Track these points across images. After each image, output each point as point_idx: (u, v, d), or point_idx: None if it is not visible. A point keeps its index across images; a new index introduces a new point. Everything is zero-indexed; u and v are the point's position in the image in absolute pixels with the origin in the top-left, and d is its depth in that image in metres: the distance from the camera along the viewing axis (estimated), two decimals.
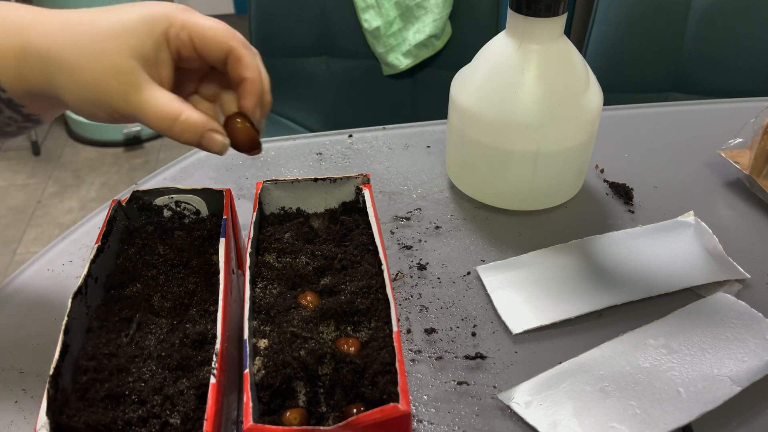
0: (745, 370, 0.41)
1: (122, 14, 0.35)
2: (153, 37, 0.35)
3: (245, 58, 0.36)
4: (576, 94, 0.51)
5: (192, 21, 0.36)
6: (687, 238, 0.53)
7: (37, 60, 0.35)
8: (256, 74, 0.37)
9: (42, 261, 0.52)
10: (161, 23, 0.35)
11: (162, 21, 0.35)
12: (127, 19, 0.35)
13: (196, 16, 0.37)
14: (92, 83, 0.34)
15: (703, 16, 0.96)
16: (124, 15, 0.35)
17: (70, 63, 0.34)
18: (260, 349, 0.35)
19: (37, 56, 0.35)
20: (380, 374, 0.33)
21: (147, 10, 0.36)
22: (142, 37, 0.35)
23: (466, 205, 0.58)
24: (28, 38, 0.35)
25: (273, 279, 0.40)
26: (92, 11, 0.36)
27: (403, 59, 1.09)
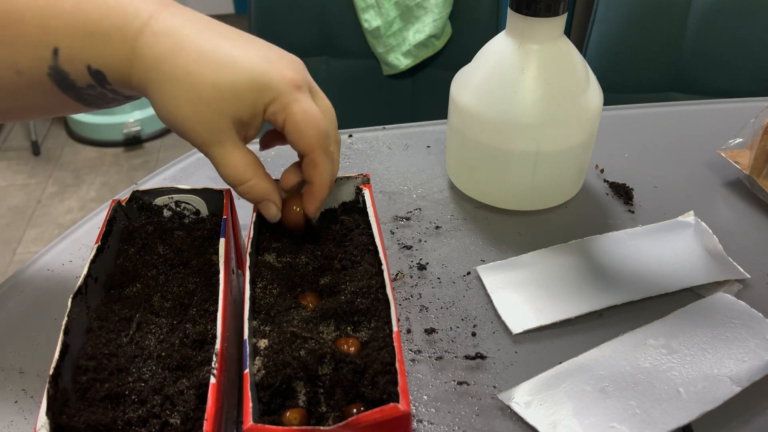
0: (745, 370, 0.41)
1: (235, 69, 0.35)
2: (254, 107, 0.36)
3: (320, 166, 0.38)
4: (576, 94, 0.51)
5: (293, 109, 0.36)
6: (687, 238, 0.53)
7: (142, 67, 0.35)
8: (323, 183, 0.38)
9: (42, 261, 0.52)
10: (266, 97, 0.35)
11: (268, 95, 0.35)
12: (236, 80, 0.35)
13: (302, 101, 0.36)
14: (182, 118, 0.35)
15: (703, 16, 0.96)
16: (236, 71, 0.35)
17: (168, 91, 0.35)
18: (260, 349, 0.35)
19: (143, 64, 0.35)
20: (380, 374, 0.33)
21: (260, 74, 0.35)
22: (244, 104, 0.35)
23: (466, 205, 0.58)
24: (142, 39, 0.34)
25: (273, 279, 0.40)
26: (213, 36, 0.35)
27: (403, 59, 1.09)
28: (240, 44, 0.36)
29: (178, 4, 0.37)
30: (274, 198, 0.39)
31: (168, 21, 0.35)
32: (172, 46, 0.34)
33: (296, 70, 0.37)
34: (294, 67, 0.37)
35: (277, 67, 0.36)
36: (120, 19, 0.34)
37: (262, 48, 0.37)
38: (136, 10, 0.35)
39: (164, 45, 0.34)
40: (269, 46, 0.38)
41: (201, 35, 0.35)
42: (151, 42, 0.34)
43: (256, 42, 0.38)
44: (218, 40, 0.36)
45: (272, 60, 0.36)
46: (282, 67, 0.36)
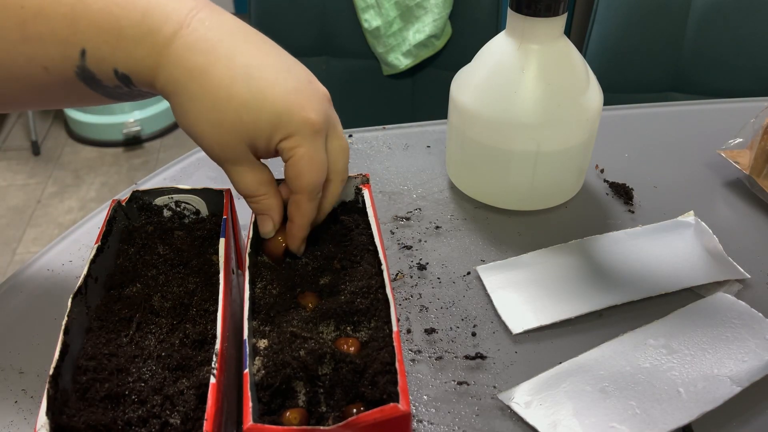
0: (745, 370, 0.41)
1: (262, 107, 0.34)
2: (270, 140, 0.36)
3: (302, 208, 0.39)
4: (576, 94, 0.51)
5: (300, 152, 0.36)
6: (687, 238, 0.53)
7: (168, 77, 0.34)
8: (303, 225, 0.39)
9: (42, 261, 0.52)
10: (283, 133, 0.36)
11: (285, 132, 0.35)
12: (260, 117, 0.35)
13: (314, 146, 0.36)
14: (200, 135, 0.36)
15: (703, 16, 0.96)
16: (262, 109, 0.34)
17: (190, 108, 0.35)
18: (260, 349, 0.35)
19: (169, 75, 0.34)
20: (380, 374, 0.33)
21: (284, 114, 0.35)
22: (262, 136, 0.36)
23: (466, 205, 0.58)
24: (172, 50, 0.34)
25: (272, 279, 0.40)
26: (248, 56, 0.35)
27: (403, 59, 1.09)
28: (274, 69, 0.35)
29: (213, 6, 0.36)
30: (274, 216, 0.40)
31: (200, 32, 0.34)
32: (202, 65, 0.34)
33: (321, 110, 0.36)
34: (319, 107, 0.36)
35: (303, 107, 0.35)
36: (149, 24, 0.33)
37: (294, 77, 0.36)
38: (167, 15, 0.34)
39: (194, 62, 0.34)
40: (301, 74, 0.37)
41: (234, 56, 0.34)
42: (180, 55, 0.34)
43: (290, 66, 0.37)
44: (252, 63, 0.35)
45: (301, 96, 0.36)
46: (308, 108, 0.36)
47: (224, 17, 0.36)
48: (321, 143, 0.37)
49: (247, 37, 0.36)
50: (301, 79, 0.36)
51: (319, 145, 0.37)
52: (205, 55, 0.34)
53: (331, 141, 0.38)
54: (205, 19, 0.35)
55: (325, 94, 0.38)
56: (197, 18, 0.34)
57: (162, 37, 0.34)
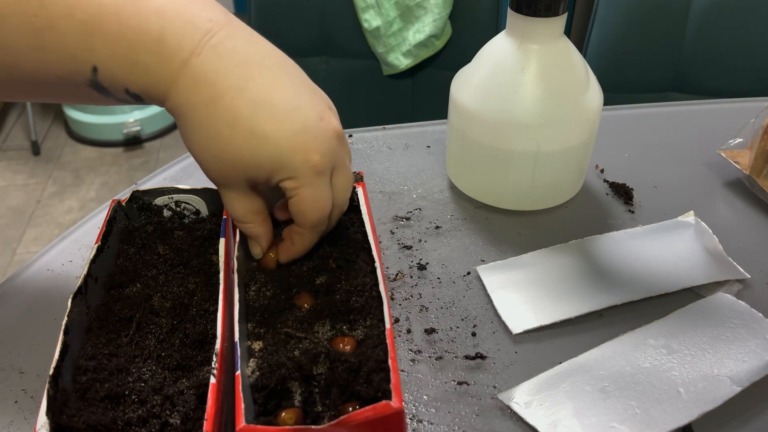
0: (745, 370, 0.41)
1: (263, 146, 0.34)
2: (269, 178, 0.36)
3: (305, 239, 0.39)
4: (576, 94, 0.51)
5: (303, 193, 0.36)
6: (687, 238, 0.53)
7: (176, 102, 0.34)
8: (302, 251, 0.40)
9: (42, 261, 0.52)
10: (284, 174, 0.35)
11: (286, 173, 0.35)
12: (260, 157, 0.34)
13: (316, 187, 0.36)
14: (200, 160, 0.36)
15: (703, 16, 0.96)
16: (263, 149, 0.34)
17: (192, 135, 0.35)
18: (255, 351, 0.35)
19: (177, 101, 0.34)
20: (375, 372, 0.33)
21: (285, 155, 0.34)
22: (261, 173, 0.35)
23: (466, 205, 0.58)
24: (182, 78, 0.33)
25: (267, 281, 0.40)
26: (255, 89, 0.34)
27: (403, 59, 1.09)
28: (282, 106, 0.34)
29: (231, 27, 0.35)
30: (261, 242, 0.40)
31: (211, 61, 0.33)
32: (207, 98, 0.33)
33: (326, 150, 0.35)
34: (324, 147, 0.35)
35: (307, 150, 0.35)
36: (162, 52, 0.33)
37: (303, 115, 0.35)
38: (179, 42, 0.33)
39: (200, 94, 0.33)
40: (312, 109, 0.36)
41: (242, 90, 0.34)
42: (188, 85, 0.33)
43: (302, 100, 0.36)
44: (259, 99, 0.34)
45: (306, 137, 0.35)
46: (312, 150, 0.35)
47: (239, 42, 0.35)
48: (324, 182, 0.36)
49: (261, 66, 0.35)
50: (309, 117, 0.35)
51: (322, 184, 0.36)
52: (211, 87, 0.33)
53: (336, 176, 0.38)
54: (218, 46, 0.34)
55: (335, 131, 0.36)
56: (209, 45, 0.33)
57: (173, 66, 0.33)
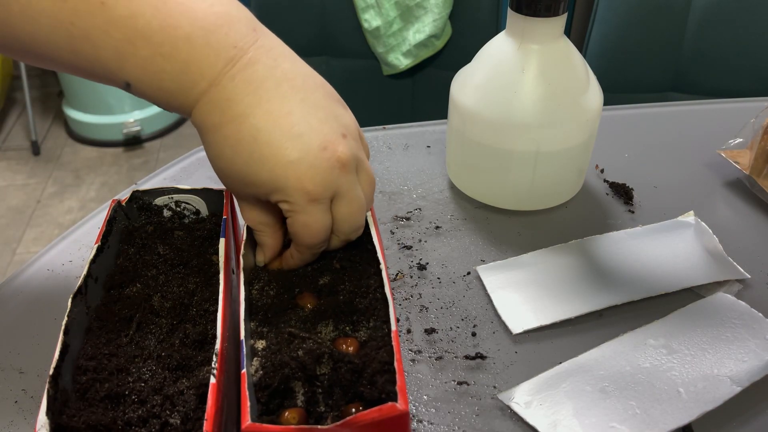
0: (745, 370, 0.41)
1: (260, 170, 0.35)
2: (268, 198, 0.37)
3: (298, 257, 0.40)
4: (576, 94, 0.51)
5: (295, 218, 0.37)
6: (687, 238, 0.53)
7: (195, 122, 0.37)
8: (296, 266, 0.41)
9: (42, 261, 0.52)
10: (279, 197, 0.36)
11: (280, 197, 0.36)
12: (258, 178, 0.36)
13: (309, 213, 0.36)
14: (214, 169, 0.38)
15: (703, 16, 0.96)
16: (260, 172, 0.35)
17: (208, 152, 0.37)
18: (258, 350, 0.35)
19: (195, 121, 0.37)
20: (379, 373, 0.33)
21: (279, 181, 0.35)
22: (259, 192, 0.37)
23: (466, 205, 0.58)
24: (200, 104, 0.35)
25: (270, 280, 0.40)
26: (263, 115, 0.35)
27: (403, 59, 1.09)
28: (283, 133, 0.35)
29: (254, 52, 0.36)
30: (266, 252, 0.41)
31: (227, 90, 0.35)
32: (217, 123, 0.35)
33: (322, 180, 0.36)
34: (321, 177, 0.36)
35: (300, 179, 0.35)
36: (185, 81, 0.35)
37: (303, 143, 0.35)
38: (201, 72, 0.34)
39: (212, 119, 0.36)
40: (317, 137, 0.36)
41: (247, 117, 0.35)
42: (203, 109, 0.36)
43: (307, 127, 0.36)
44: (262, 126, 0.35)
45: (301, 167, 0.35)
46: (306, 179, 0.35)
47: (258, 67, 0.36)
48: (319, 210, 0.37)
49: (275, 91, 0.36)
50: (310, 145, 0.35)
51: (316, 212, 0.37)
52: (221, 113, 0.35)
53: (337, 206, 0.38)
54: (236, 75, 0.35)
55: (338, 160, 0.36)
56: (229, 75, 0.35)
57: (193, 94, 0.35)
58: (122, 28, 0.33)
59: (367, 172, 0.39)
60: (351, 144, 0.37)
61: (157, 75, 0.34)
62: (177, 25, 0.34)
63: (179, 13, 0.34)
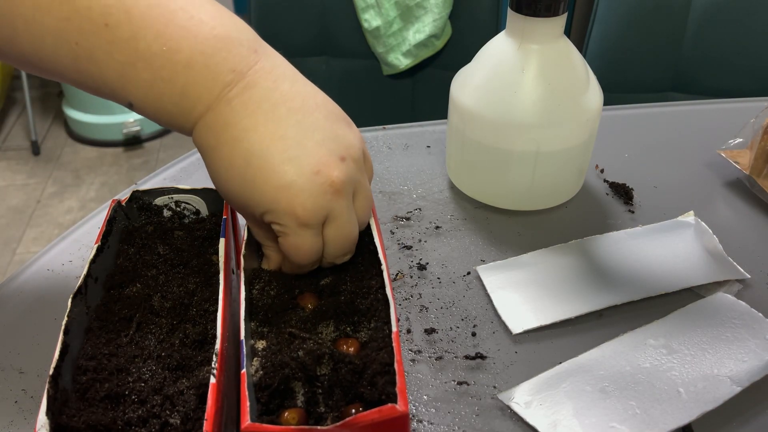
0: (745, 370, 0.41)
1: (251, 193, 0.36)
2: (262, 219, 0.37)
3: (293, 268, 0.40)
4: (576, 94, 0.51)
5: (285, 240, 0.37)
6: (687, 238, 0.53)
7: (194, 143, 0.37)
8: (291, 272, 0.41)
9: (42, 261, 0.52)
10: (269, 218, 0.36)
11: (271, 219, 0.36)
12: (249, 201, 0.36)
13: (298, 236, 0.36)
14: (215, 183, 0.38)
15: (703, 16, 0.96)
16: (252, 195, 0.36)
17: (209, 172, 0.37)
18: (258, 350, 0.35)
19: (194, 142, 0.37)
20: (379, 374, 0.33)
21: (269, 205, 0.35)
22: (253, 213, 0.37)
23: (466, 205, 0.58)
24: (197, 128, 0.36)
25: (271, 280, 0.40)
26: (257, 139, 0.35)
27: (403, 59, 1.09)
28: (276, 157, 0.35)
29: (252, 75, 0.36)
30: (270, 264, 0.41)
31: (223, 114, 0.35)
32: (212, 145, 0.36)
33: (312, 205, 0.35)
34: (311, 201, 0.35)
35: (291, 203, 0.35)
36: (184, 106, 0.35)
37: (295, 167, 0.35)
38: (198, 96, 0.35)
39: (208, 141, 0.36)
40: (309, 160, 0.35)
41: (241, 140, 0.35)
42: (200, 132, 0.36)
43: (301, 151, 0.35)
44: (254, 150, 0.35)
45: (292, 191, 0.35)
46: (296, 203, 0.35)
47: (255, 91, 0.36)
48: (309, 234, 0.37)
49: (270, 114, 0.36)
50: (301, 170, 0.35)
51: (306, 235, 0.37)
52: (216, 136, 0.36)
53: (328, 229, 0.37)
54: (233, 99, 0.35)
55: (331, 185, 0.36)
56: (225, 99, 0.35)
57: (191, 118, 0.36)
58: (124, 51, 0.33)
59: (366, 194, 0.39)
60: (349, 167, 0.37)
61: (157, 98, 0.35)
62: (177, 49, 0.34)
63: (180, 36, 0.34)
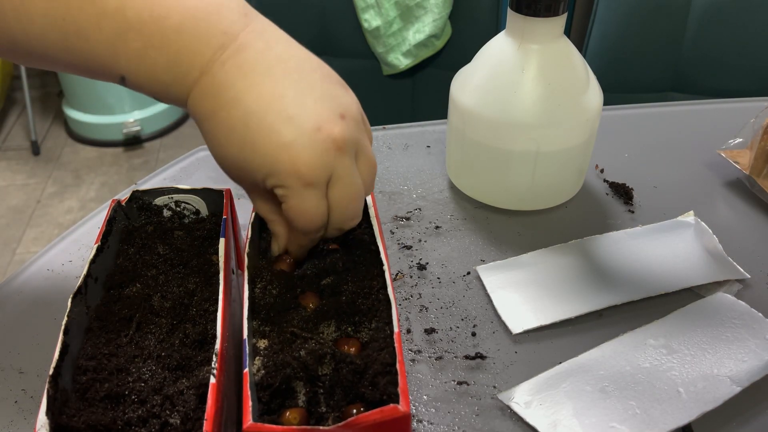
0: (745, 370, 0.41)
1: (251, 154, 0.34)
2: (264, 184, 0.36)
3: (297, 240, 0.39)
4: (576, 94, 0.51)
5: (289, 202, 0.35)
6: (687, 238, 0.53)
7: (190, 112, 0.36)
8: (297, 249, 0.40)
9: (42, 261, 0.52)
10: (273, 182, 0.35)
11: (274, 181, 0.35)
12: (249, 163, 0.35)
13: (304, 198, 0.35)
14: (213, 156, 0.37)
15: (703, 16, 0.96)
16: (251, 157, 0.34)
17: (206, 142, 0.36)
18: (260, 349, 0.35)
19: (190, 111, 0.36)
20: (380, 375, 0.33)
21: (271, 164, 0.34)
22: (255, 178, 0.36)
23: (466, 205, 0.58)
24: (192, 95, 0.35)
25: (273, 279, 0.40)
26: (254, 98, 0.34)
27: (403, 59, 1.09)
28: (274, 116, 0.34)
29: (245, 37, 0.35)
30: (279, 241, 0.41)
31: (218, 77, 0.34)
32: (209, 110, 0.35)
33: (316, 163, 0.34)
34: (315, 159, 0.34)
35: (294, 162, 0.34)
36: (177, 72, 0.34)
37: (296, 125, 0.34)
38: (191, 61, 0.34)
39: (204, 107, 0.35)
40: (310, 118, 0.34)
41: (238, 103, 0.34)
42: (196, 98, 0.35)
43: (300, 109, 0.35)
44: (253, 110, 0.34)
45: (294, 150, 0.34)
46: (300, 162, 0.34)
47: (249, 52, 0.35)
48: (314, 195, 0.35)
49: (267, 74, 0.35)
50: (303, 128, 0.34)
51: (311, 196, 0.35)
52: (213, 100, 0.35)
53: (333, 190, 0.36)
54: (227, 61, 0.34)
55: (333, 142, 0.35)
56: (219, 61, 0.34)
57: (186, 84, 0.35)
58: (113, 21, 0.33)
59: (368, 156, 0.38)
60: (350, 125, 0.36)
61: (150, 67, 0.34)
62: (166, 15, 0.33)
63: (169, 3, 0.33)
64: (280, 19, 1.25)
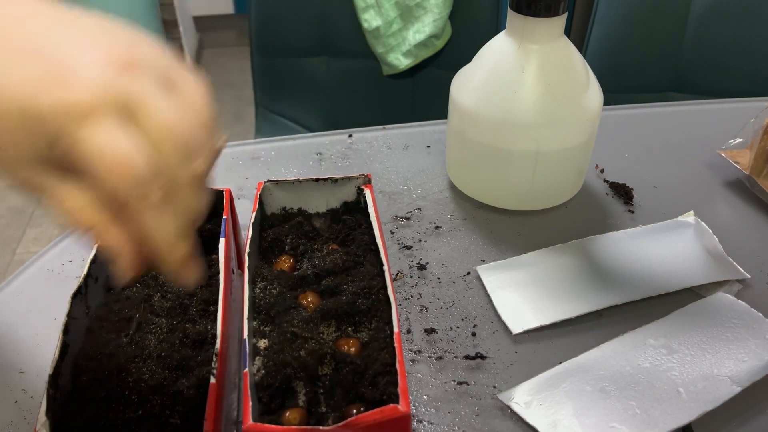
0: (745, 370, 0.41)
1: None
2: (43, 145, 0.25)
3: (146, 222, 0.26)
4: (576, 94, 0.51)
5: (79, 150, 0.24)
6: (687, 238, 0.53)
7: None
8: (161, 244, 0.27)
9: (42, 261, 0.52)
10: (46, 133, 0.24)
11: (46, 131, 0.24)
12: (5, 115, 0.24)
13: (94, 135, 0.24)
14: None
15: (703, 17, 0.96)
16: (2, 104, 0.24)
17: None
18: (260, 349, 0.35)
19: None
20: (380, 375, 0.33)
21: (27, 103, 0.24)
22: (28, 142, 0.25)
23: (466, 205, 0.58)
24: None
25: (273, 279, 0.40)
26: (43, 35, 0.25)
27: (403, 59, 1.09)
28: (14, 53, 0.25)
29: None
30: (122, 261, 0.27)
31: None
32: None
33: (94, 82, 0.24)
34: (92, 78, 0.24)
35: (58, 88, 0.24)
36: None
37: (46, 56, 0.25)
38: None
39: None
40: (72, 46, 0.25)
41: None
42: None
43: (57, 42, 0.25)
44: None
45: (52, 76, 0.24)
46: (65, 86, 0.24)
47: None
48: (109, 128, 0.24)
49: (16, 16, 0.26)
50: (63, 54, 0.25)
51: (107, 129, 0.24)
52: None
53: (139, 122, 0.25)
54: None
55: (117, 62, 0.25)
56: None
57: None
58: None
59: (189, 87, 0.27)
60: (143, 47, 0.27)
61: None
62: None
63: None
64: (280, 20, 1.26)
